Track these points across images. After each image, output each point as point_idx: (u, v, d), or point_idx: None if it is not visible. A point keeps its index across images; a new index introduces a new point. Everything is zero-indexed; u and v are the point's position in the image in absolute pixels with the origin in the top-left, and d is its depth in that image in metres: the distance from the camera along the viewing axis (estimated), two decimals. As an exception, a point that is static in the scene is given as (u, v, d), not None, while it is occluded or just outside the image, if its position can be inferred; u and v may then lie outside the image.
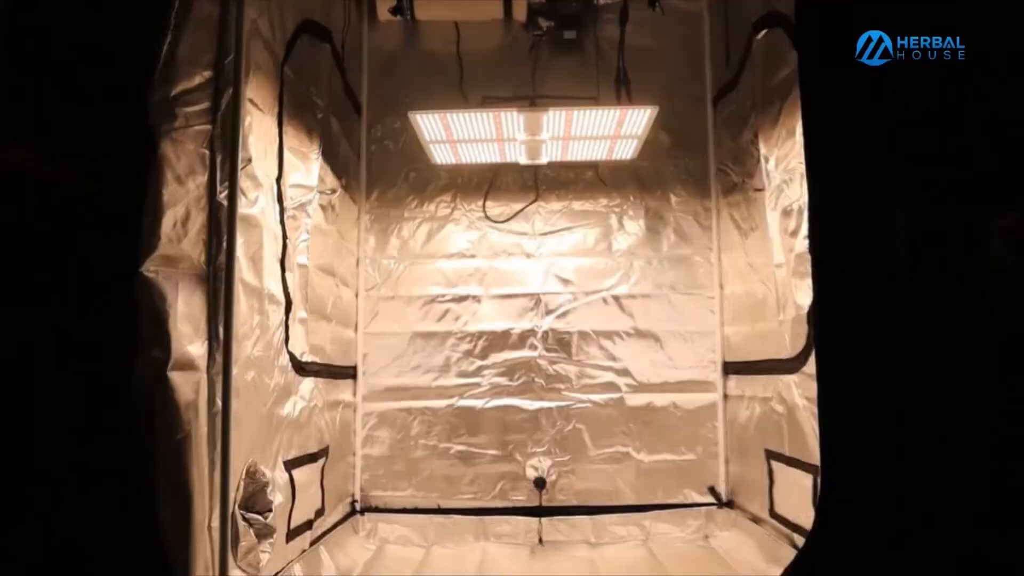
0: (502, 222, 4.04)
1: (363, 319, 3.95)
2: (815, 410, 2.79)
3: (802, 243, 2.88)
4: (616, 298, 4.00)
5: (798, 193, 2.95)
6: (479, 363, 3.95)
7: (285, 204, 2.86)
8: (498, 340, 3.97)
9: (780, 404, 3.17)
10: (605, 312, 3.99)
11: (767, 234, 3.25)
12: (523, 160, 3.61)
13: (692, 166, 4.08)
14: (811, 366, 2.86)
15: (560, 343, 3.97)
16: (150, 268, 2.11)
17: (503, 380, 3.95)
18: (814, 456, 2.80)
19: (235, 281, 2.35)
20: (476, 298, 4.00)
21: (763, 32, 3.23)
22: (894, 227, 2.43)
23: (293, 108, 2.97)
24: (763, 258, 3.36)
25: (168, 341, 2.11)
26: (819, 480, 2.75)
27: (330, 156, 3.40)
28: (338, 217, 3.55)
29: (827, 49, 2.51)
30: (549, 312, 4.00)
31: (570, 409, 3.94)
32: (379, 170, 4.07)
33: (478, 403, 3.93)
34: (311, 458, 3.11)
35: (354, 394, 3.89)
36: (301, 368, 3.01)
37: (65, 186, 2.27)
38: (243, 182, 2.46)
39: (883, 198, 2.44)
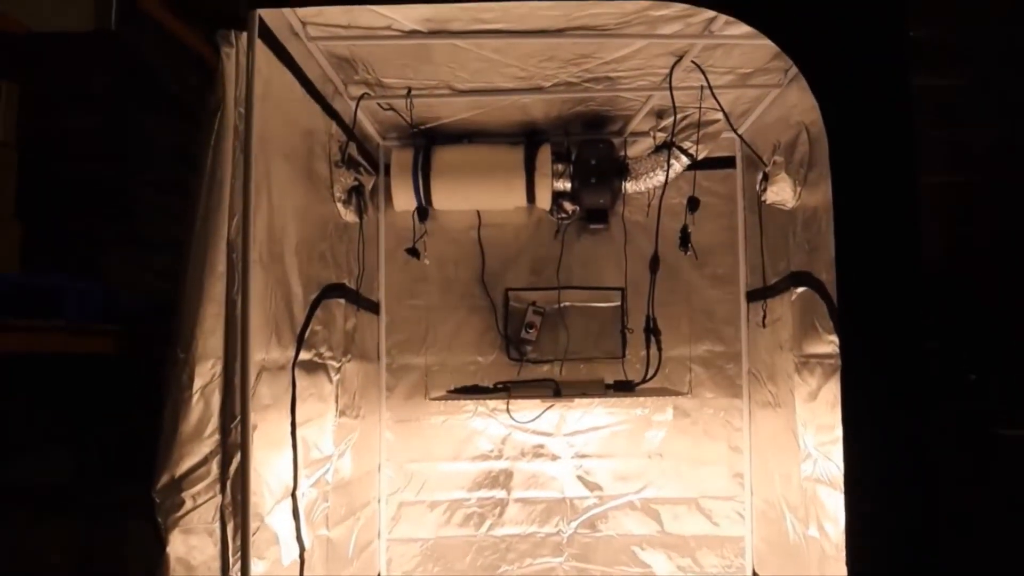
0: (527, 422, 3.93)
1: (385, 524, 3.90)
2: None
3: (838, 543, 2.73)
4: (644, 502, 3.90)
5: (837, 477, 2.78)
6: (504, 568, 3.90)
7: (301, 506, 2.78)
8: (523, 545, 3.90)
9: (815, 672, 3.07)
10: (632, 517, 3.90)
11: (803, 491, 3.10)
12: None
13: (723, 361, 3.90)
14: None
15: (586, 548, 3.90)
16: (162, 674, 2.08)
17: (529, 586, 3.90)
18: None
19: (250, 654, 2.30)
20: (500, 501, 3.92)
21: (800, 289, 3.02)
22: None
23: (307, 391, 2.85)
24: (799, 504, 3.21)
25: None
26: None
27: (349, 409, 3.30)
28: (357, 457, 3.46)
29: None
30: (575, 517, 3.91)
31: (596, 616, 3.89)
32: (399, 371, 3.96)
33: (503, 610, 3.90)
34: None
35: (379, 602, 3.88)
36: (321, 654, 2.98)
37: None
38: (257, 545, 2.38)
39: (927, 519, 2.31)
